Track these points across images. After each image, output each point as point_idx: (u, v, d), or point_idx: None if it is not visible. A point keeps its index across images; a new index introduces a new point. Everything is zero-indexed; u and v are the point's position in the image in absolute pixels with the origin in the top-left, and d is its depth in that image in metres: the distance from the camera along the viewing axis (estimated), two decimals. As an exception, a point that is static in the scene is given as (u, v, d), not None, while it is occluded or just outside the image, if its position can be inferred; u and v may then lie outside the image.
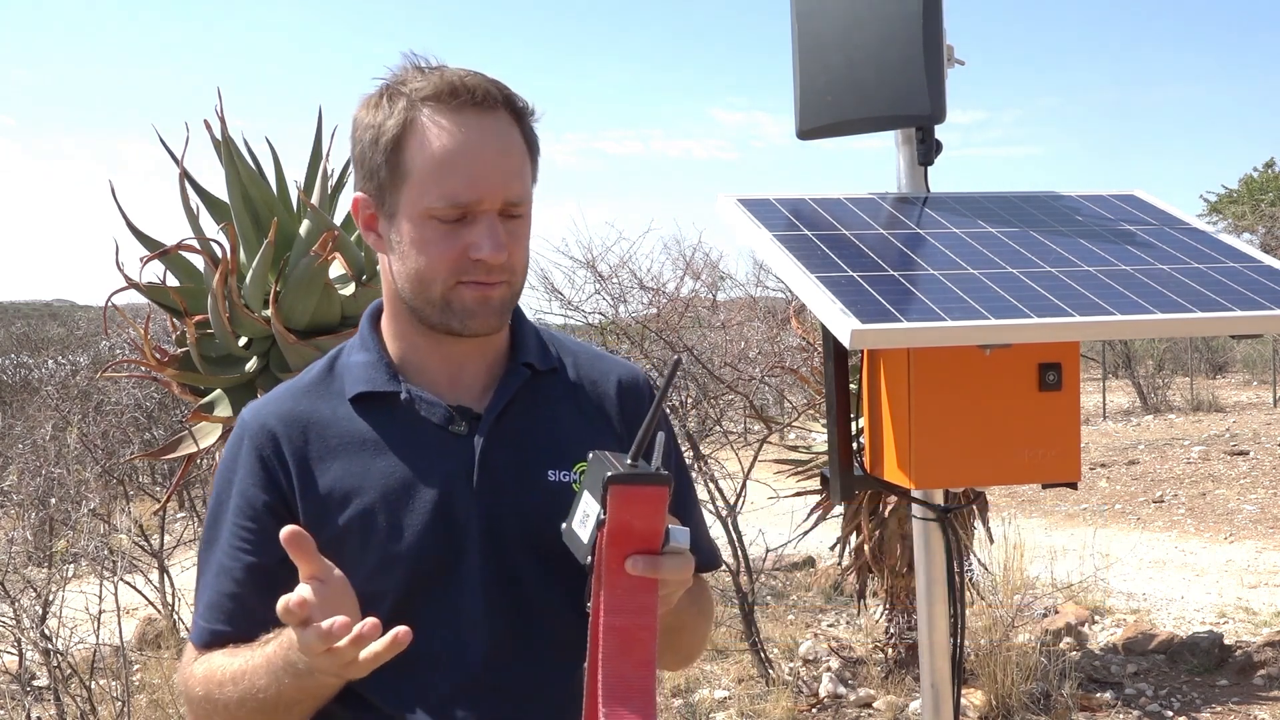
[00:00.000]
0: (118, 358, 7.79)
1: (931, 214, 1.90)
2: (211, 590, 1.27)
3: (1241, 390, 20.05)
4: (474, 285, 1.23)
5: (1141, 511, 9.34)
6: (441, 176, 1.21)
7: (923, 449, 1.62)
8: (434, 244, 1.22)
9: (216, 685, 1.21)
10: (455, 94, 1.22)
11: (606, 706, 1.04)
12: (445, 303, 1.24)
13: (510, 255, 1.24)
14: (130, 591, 4.82)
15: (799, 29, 2.07)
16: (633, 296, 7.02)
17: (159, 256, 3.46)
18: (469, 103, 1.22)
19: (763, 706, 4.74)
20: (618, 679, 1.05)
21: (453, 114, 1.22)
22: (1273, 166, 28.05)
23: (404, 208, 1.23)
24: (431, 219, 1.22)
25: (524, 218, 1.27)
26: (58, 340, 15.32)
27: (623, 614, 1.06)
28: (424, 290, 1.24)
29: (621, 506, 1.04)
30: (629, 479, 1.03)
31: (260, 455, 1.26)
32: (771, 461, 5.45)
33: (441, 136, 1.21)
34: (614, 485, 1.03)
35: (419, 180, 1.22)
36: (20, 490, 6.23)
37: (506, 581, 1.25)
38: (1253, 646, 5.34)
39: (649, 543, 1.07)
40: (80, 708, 4.01)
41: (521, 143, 1.26)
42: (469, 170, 1.21)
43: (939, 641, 1.98)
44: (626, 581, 1.06)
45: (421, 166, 1.21)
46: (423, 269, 1.23)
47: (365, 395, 1.28)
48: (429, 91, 1.22)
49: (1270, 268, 1.71)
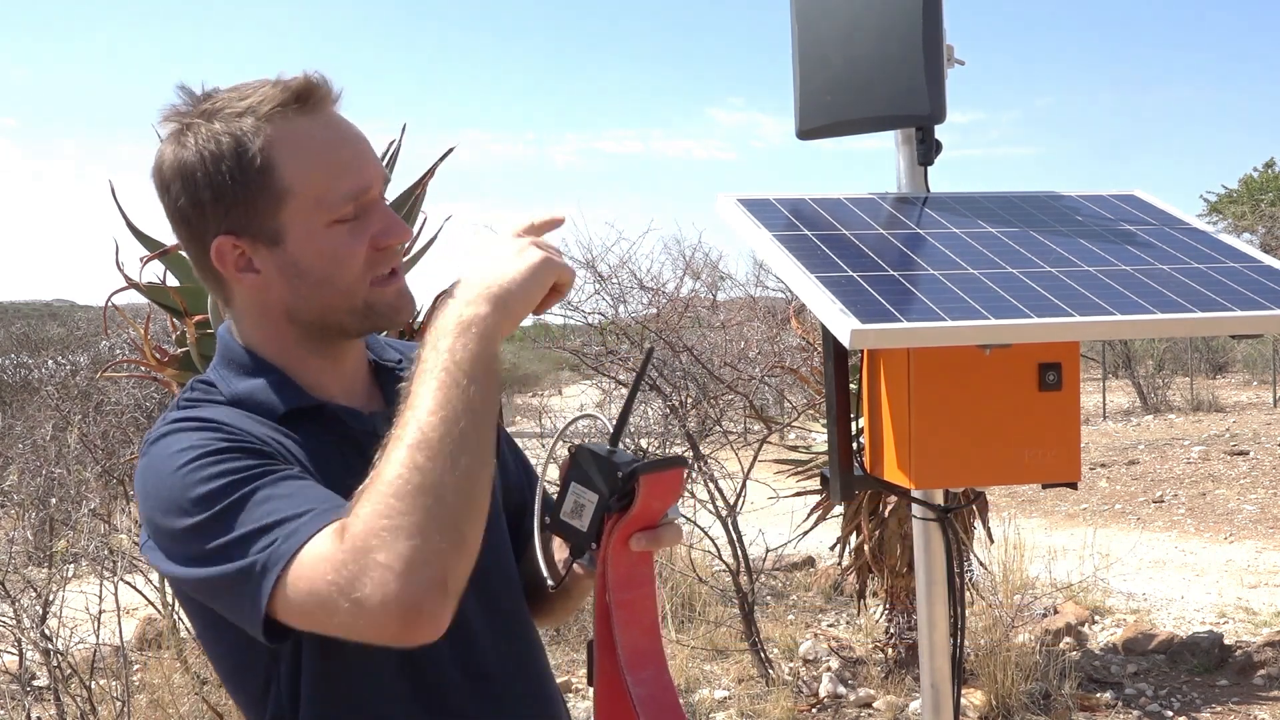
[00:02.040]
0: (118, 358, 7.79)
1: (931, 214, 1.90)
2: (310, 498, 1.06)
3: (1241, 390, 20.04)
4: (388, 279, 1.19)
5: (1141, 511, 9.34)
6: (332, 178, 1.15)
7: (923, 449, 1.62)
8: (344, 248, 1.16)
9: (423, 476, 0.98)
10: (303, 96, 1.15)
11: (631, 674, 1.12)
12: (368, 306, 1.19)
13: None
14: (130, 591, 4.82)
15: (799, 29, 2.07)
16: (632, 297, 7.02)
17: (159, 256, 3.45)
18: (319, 100, 1.16)
19: (763, 706, 4.74)
20: (634, 649, 1.14)
21: (310, 115, 1.16)
22: (1273, 166, 28.06)
23: (293, 227, 1.15)
24: (334, 224, 1.15)
25: None
26: (58, 340, 15.31)
27: (628, 588, 1.14)
28: (345, 301, 1.17)
29: (651, 492, 1.10)
30: (656, 466, 1.10)
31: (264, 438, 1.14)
32: (771, 461, 5.46)
33: (314, 140, 1.15)
34: (645, 475, 1.09)
35: (308, 190, 1.14)
36: (20, 490, 6.23)
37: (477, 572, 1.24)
38: (1253, 646, 5.34)
39: (655, 520, 1.14)
40: (80, 708, 4.01)
41: None
42: (351, 161, 1.17)
43: (939, 641, 1.98)
44: (630, 558, 1.14)
45: (305, 177, 1.14)
46: (338, 279, 1.16)
47: (295, 412, 1.18)
48: (275, 102, 1.14)
49: (1270, 268, 1.71)
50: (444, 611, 0.98)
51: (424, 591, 0.95)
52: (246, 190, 1.13)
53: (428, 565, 0.95)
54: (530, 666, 1.31)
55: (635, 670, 1.13)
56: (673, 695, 1.14)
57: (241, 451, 1.09)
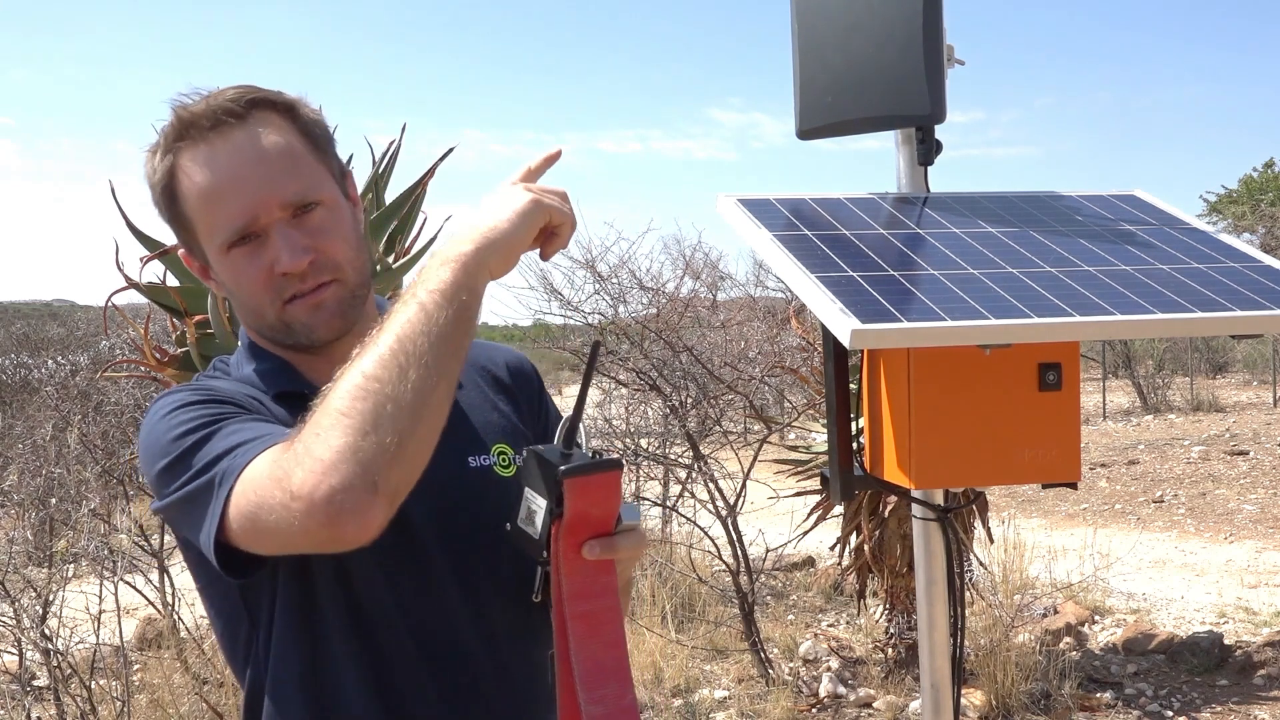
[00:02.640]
0: (118, 358, 7.78)
1: (931, 214, 1.90)
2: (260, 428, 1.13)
3: (1241, 390, 20.05)
4: (298, 299, 1.20)
5: (1141, 511, 9.34)
6: (211, 211, 1.18)
7: (923, 449, 1.62)
8: (242, 273, 1.20)
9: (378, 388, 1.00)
10: (193, 126, 1.18)
11: (586, 692, 1.05)
12: (284, 325, 1.22)
13: (323, 253, 1.20)
14: (130, 591, 4.82)
15: (799, 29, 2.07)
16: (632, 297, 7.02)
17: (159, 256, 3.45)
18: (207, 129, 1.18)
19: (763, 706, 4.74)
20: (592, 664, 1.06)
21: (200, 146, 1.18)
22: (1273, 166, 28.06)
23: (209, 255, 1.22)
24: (230, 251, 1.19)
25: (325, 209, 1.21)
26: (58, 340, 15.31)
27: (585, 599, 1.07)
28: (260, 319, 1.23)
29: (579, 497, 1.04)
30: (583, 469, 1.03)
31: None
32: (771, 461, 5.46)
33: (194, 174, 1.18)
34: (569, 479, 1.03)
35: (199, 223, 1.20)
36: (20, 490, 6.23)
37: (457, 571, 1.25)
38: (1253, 646, 5.34)
39: (604, 526, 1.07)
40: (80, 708, 4.01)
41: (291, 139, 1.21)
42: (230, 192, 1.17)
43: (939, 641, 1.98)
44: (584, 566, 1.07)
45: (194, 210, 1.20)
46: (246, 300, 1.22)
47: (287, 394, 1.24)
48: (174, 134, 1.19)
49: (1270, 268, 1.71)
50: (371, 511, 0.98)
51: (350, 485, 0.97)
52: (170, 217, 1.24)
53: (358, 461, 0.98)
54: (517, 682, 1.27)
55: (593, 689, 1.05)
56: (633, 715, 1.06)
57: (216, 402, 1.17)
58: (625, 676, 1.07)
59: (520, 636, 1.29)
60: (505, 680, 1.27)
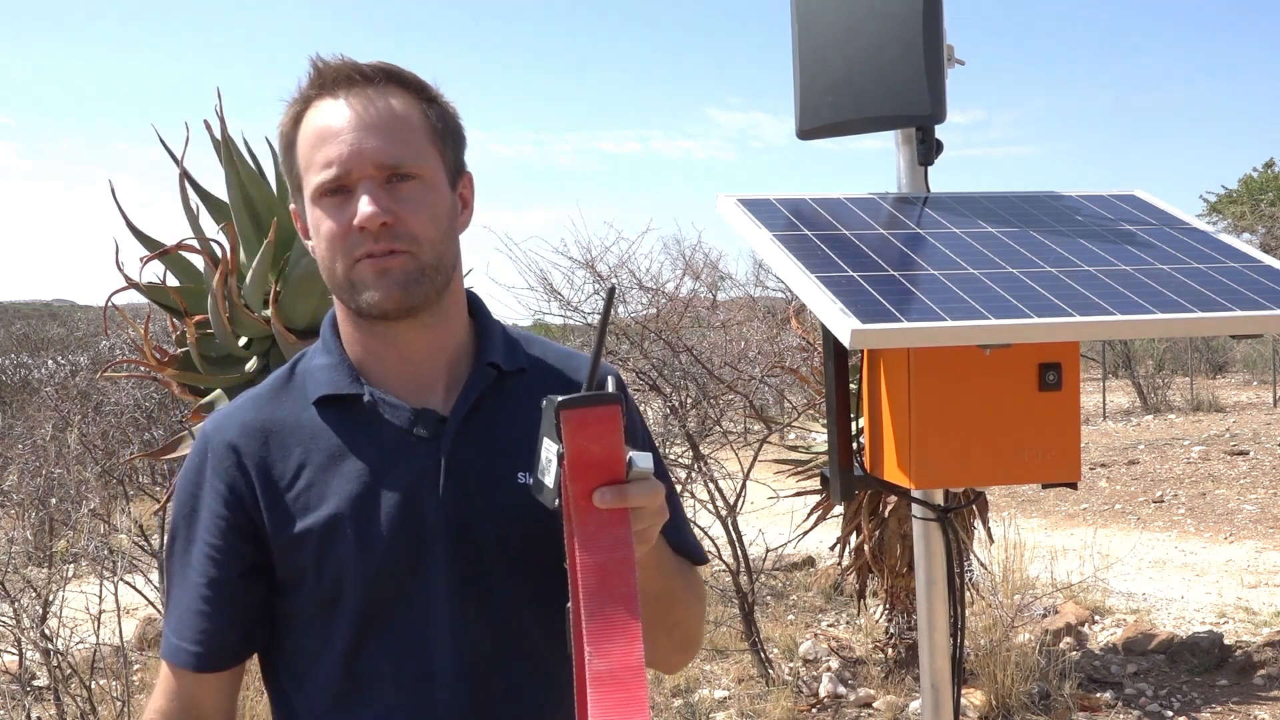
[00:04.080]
0: (118, 358, 7.78)
1: (931, 214, 1.90)
2: (181, 607, 1.29)
3: (1241, 390, 20.05)
4: (369, 259, 1.21)
5: (1141, 511, 9.34)
6: (315, 154, 1.22)
7: (923, 449, 1.62)
8: (324, 224, 1.22)
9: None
10: (326, 79, 1.24)
11: (593, 646, 1.02)
12: (349, 283, 1.23)
13: (403, 221, 1.21)
14: (130, 591, 4.81)
15: (799, 29, 2.07)
16: (632, 297, 7.02)
17: (159, 256, 3.45)
18: (341, 82, 1.23)
19: (763, 706, 4.74)
20: (601, 618, 1.03)
21: (329, 98, 1.24)
22: (1272, 166, 28.05)
23: (306, 203, 1.26)
24: (321, 199, 1.22)
25: (421, 185, 1.23)
26: (58, 340, 15.32)
27: (598, 550, 1.04)
28: (331, 276, 1.24)
29: (576, 430, 1.03)
30: (580, 401, 1.03)
31: (221, 469, 1.25)
32: (771, 461, 5.46)
33: (314, 120, 1.24)
34: (565, 410, 1.02)
35: (304, 169, 1.24)
36: (20, 490, 6.23)
37: (476, 585, 1.23)
38: (1253, 646, 5.35)
39: (612, 472, 1.05)
40: (80, 708, 4.01)
41: (412, 114, 1.24)
42: (337, 140, 1.21)
43: (939, 641, 1.98)
44: (597, 516, 1.04)
45: (303, 155, 1.24)
46: (324, 252, 1.24)
47: (328, 398, 1.26)
48: (309, 85, 1.25)
49: (1270, 268, 1.71)
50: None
51: None
52: (287, 167, 1.28)
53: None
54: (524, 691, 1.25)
55: (600, 643, 1.01)
56: (639, 678, 1.01)
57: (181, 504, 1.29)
58: (635, 637, 1.03)
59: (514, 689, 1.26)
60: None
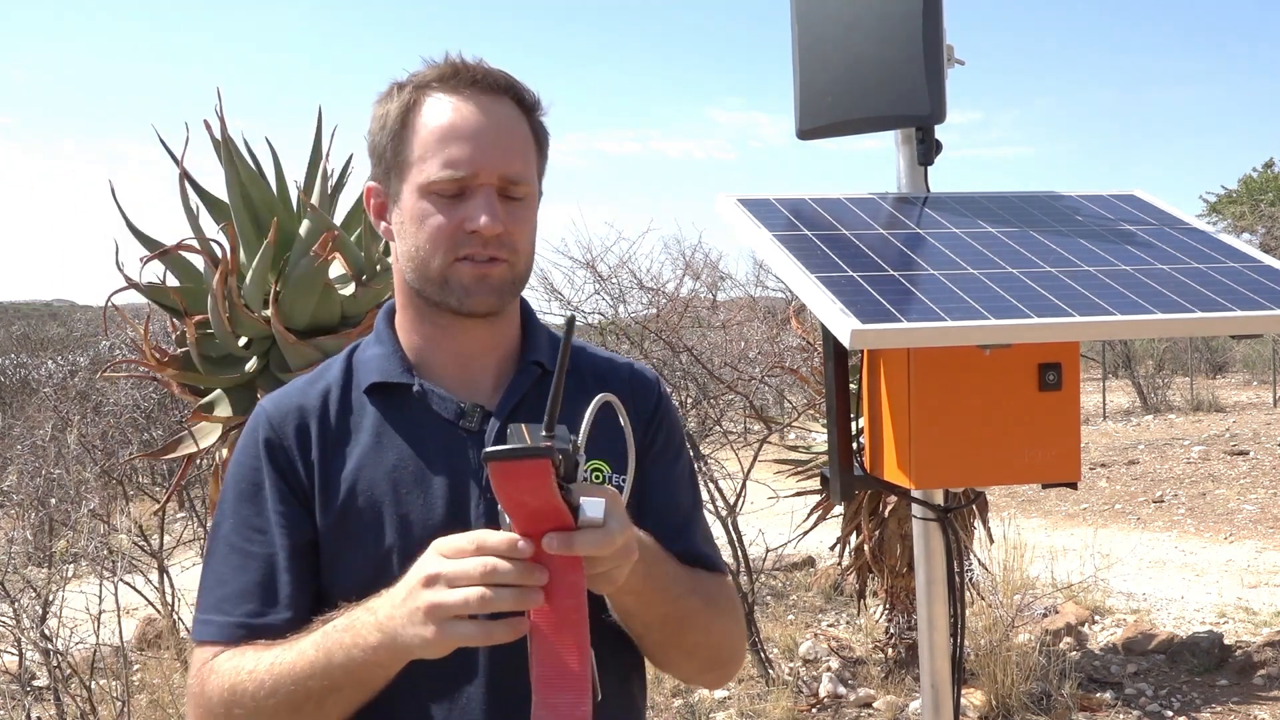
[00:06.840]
0: (117, 358, 7.78)
1: (931, 214, 1.90)
2: (242, 579, 1.24)
3: (1241, 390, 20.05)
4: (471, 262, 1.24)
5: (1141, 511, 9.34)
6: (440, 148, 1.23)
7: (923, 449, 1.62)
8: (432, 217, 1.24)
9: (253, 687, 1.16)
10: (456, 74, 1.26)
11: (539, 694, 1.02)
12: (444, 279, 1.25)
13: (510, 234, 1.25)
14: (130, 591, 4.82)
15: (799, 29, 2.07)
16: (632, 297, 7.03)
17: (159, 256, 3.45)
18: (468, 82, 1.26)
19: (763, 706, 4.74)
20: (549, 667, 1.03)
21: (453, 92, 1.26)
22: (1272, 167, 28.05)
23: (406, 188, 1.26)
24: (431, 193, 1.24)
25: (526, 201, 1.28)
26: (57, 340, 15.32)
27: (552, 595, 1.02)
28: (424, 268, 1.25)
29: (504, 481, 0.99)
30: (505, 455, 0.98)
31: (279, 447, 1.27)
32: (771, 461, 5.46)
33: (441, 112, 1.25)
34: (491, 463, 0.98)
35: (419, 156, 1.24)
36: (20, 490, 6.22)
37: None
38: (1253, 646, 5.34)
39: (559, 519, 1.01)
40: (80, 708, 4.01)
41: (526, 130, 1.28)
42: (466, 141, 1.23)
43: (939, 641, 1.98)
44: (550, 560, 1.02)
45: (422, 142, 1.24)
46: (422, 244, 1.25)
47: (379, 386, 1.30)
48: (432, 76, 1.27)
49: (1270, 268, 1.71)
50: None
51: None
52: (381, 147, 1.28)
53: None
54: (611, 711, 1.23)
55: (547, 693, 1.02)
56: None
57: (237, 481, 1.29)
58: (584, 686, 1.02)
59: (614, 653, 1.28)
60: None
